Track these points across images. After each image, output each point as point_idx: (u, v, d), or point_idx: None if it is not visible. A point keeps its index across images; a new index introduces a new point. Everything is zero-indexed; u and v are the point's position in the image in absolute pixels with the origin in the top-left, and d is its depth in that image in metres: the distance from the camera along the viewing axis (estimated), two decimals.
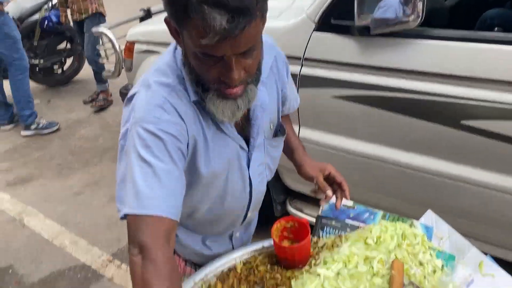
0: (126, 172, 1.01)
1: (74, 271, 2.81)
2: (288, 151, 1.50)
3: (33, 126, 4.61)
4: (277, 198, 2.66)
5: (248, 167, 1.25)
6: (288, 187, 2.58)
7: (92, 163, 4.02)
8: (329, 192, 1.37)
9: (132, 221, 0.96)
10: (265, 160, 1.31)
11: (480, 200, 1.72)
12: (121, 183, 1.03)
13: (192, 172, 1.14)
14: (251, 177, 1.27)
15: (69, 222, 3.26)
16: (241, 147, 1.22)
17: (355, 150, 2.01)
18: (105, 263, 2.84)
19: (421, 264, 1.22)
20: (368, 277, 1.14)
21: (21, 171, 4.05)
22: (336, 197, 1.39)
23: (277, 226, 1.34)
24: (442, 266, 1.22)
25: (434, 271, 1.21)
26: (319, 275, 1.13)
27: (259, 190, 1.35)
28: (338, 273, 1.13)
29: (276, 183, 2.59)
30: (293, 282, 1.18)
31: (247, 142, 1.23)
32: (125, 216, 0.98)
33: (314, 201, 2.51)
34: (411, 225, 1.33)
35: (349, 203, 1.44)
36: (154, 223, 0.94)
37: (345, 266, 1.16)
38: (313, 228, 1.46)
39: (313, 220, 1.45)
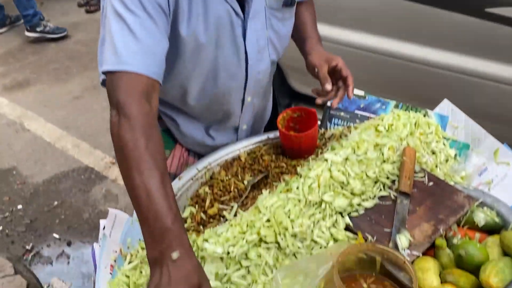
0: (105, 32, 0.94)
1: (77, 172, 2.83)
2: (301, 40, 1.32)
3: (39, 28, 4.33)
4: (282, 102, 2.58)
5: (244, 38, 1.12)
6: (293, 90, 2.49)
7: (90, 68, 3.90)
8: (328, 85, 1.16)
9: (110, 81, 0.90)
10: (267, 34, 1.17)
11: (503, 98, 1.63)
12: (101, 45, 0.96)
13: (175, 36, 1.03)
14: (247, 51, 1.14)
15: (70, 126, 3.23)
16: (236, 13, 1.07)
17: (368, 45, 1.89)
18: (108, 165, 2.85)
19: (433, 153, 1.17)
20: (378, 163, 1.09)
21: (17, 75, 3.94)
22: (336, 95, 1.20)
23: (283, 116, 1.27)
24: (455, 155, 1.17)
25: (447, 160, 1.16)
26: (326, 160, 1.08)
27: (259, 70, 1.20)
28: (346, 159, 1.08)
29: (281, 86, 2.49)
30: (299, 168, 1.14)
31: (243, 9, 1.09)
32: (104, 82, 0.93)
33: (320, 105, 2.44)
34: (425, 115, 1.26)
35: (360, 92, 1.36)
36: (130, 79, 0.88)
37: (354, 152, 1.10)
38: (321, 121, 1.39)
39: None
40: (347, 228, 0.99)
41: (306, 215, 0.97)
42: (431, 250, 0.96)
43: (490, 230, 1.00)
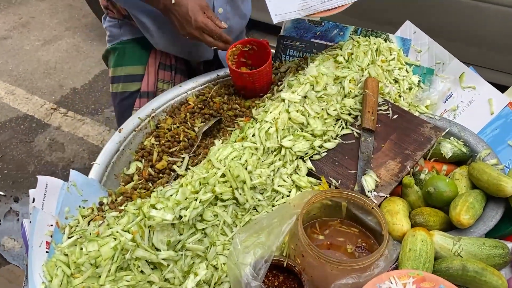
0: None
1: (16, 122, 2.59)
2: None
3: None
4: None
5: None
6: None
7: (15, 3, 3.46)
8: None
9: None
10: None
11: (468, 15, 1.53)
12: None
13: None
14: None
15: (1, 71, 2.91)
16: None
17: None
18: (49, 112, 2.62)
19: (396, 81, 1.09)
20: (339, 98, 1.00)
21: None
22: None
23: (232, 51, 1.13)
24: (419, 82, 1.10)
25: (410, 88, 1.08)
26: (283, 100, 0.97)
27: None
28: (305, 97, 0.98)
29: None
30: (253, 111, 1.03)
31: None
32: None
33: (275, 31, 2.27)
34: (386, 40, 1.15)
35: (315, 18, 1.22)
36: None
37: (313, 88, 1.00)
38: (275, 53, 1.27)
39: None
40: (309, 173, 0.92)
41: (265, 164, 0.88)
42: (398, 188, 0.91)
43: (458, 161, 0.95)
